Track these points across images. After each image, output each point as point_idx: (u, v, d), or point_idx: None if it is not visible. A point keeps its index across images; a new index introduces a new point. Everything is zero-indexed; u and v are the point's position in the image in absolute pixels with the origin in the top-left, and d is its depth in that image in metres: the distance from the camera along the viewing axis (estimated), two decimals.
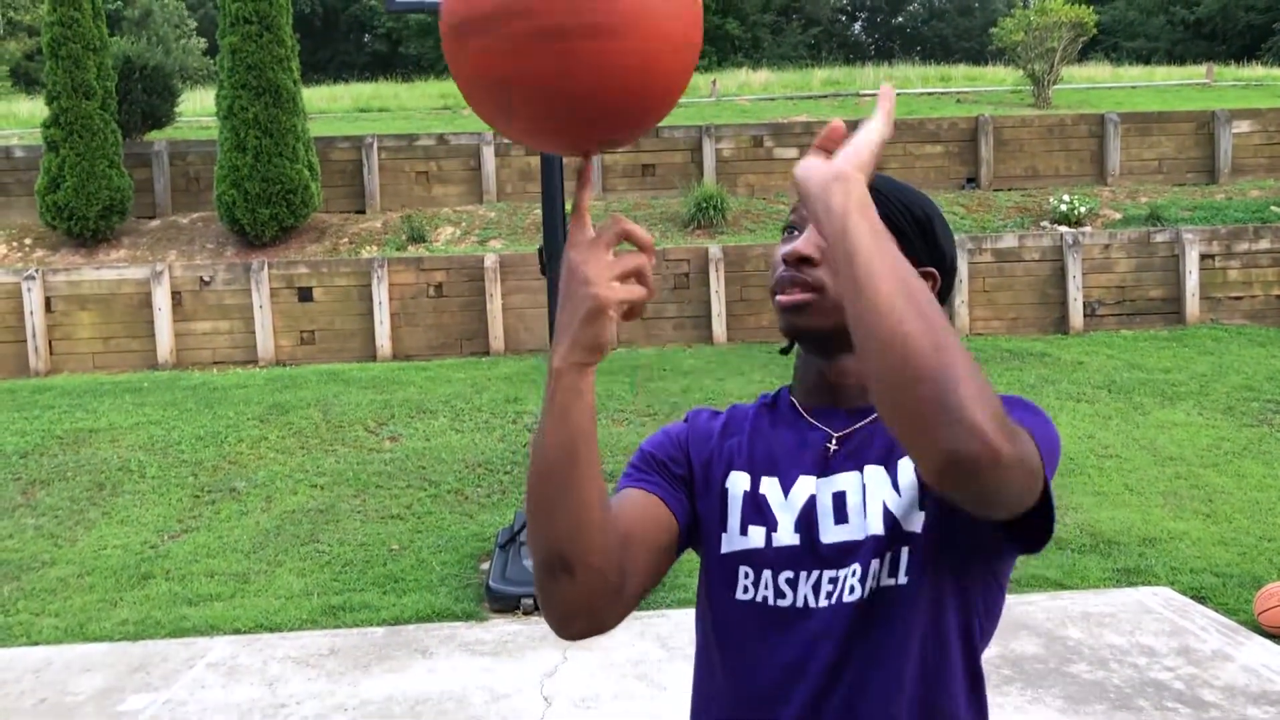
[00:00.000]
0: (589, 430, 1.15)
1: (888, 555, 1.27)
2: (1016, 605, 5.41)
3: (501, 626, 5.46)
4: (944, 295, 1.41)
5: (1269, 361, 10.05)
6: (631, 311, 1.13)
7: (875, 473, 1.31)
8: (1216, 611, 5.33)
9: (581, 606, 1.22)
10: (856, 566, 1.28)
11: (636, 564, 1.28)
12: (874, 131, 1.17)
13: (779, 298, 1.36)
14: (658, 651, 5.03)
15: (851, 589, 1.28)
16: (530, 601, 5.53)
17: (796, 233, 1.38)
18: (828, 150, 1.17)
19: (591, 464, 1.17)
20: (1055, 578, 5.83)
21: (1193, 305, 11.50)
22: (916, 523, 1.27)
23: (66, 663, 5.16)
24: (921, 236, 1.38)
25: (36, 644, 5.45)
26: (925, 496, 1.27)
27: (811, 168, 1.15)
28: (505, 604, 5.65)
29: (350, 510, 7.23)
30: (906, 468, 1.29)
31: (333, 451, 8.31)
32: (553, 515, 1.18)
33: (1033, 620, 5.23)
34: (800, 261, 1.34)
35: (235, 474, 7.93)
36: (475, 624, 5.52)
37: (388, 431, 8.69)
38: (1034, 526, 1.20)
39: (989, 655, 4.75)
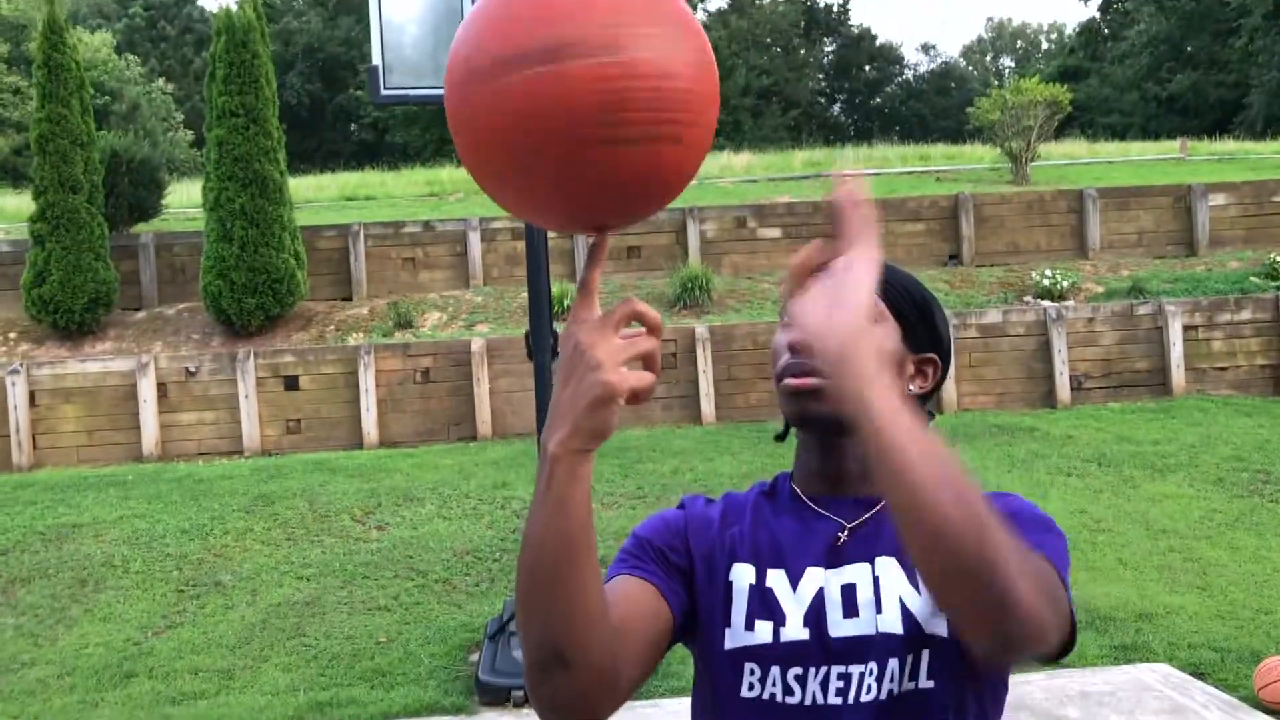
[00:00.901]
0: (586, 519, 1.09)
1: (909, 657, 1.23)
2: (1014, 685, 5.30)
3: (492, 719, 5.35)
4: (944, 380, 1.40)
5: (1256, 431, 10.07)
6: (637, 396, 1.06)
7: (888, 565, 1.28)
8: (1216, 688, 5.25)
9: (575, 702, 1.16)
10: (873, 665, 1.24)
11: (630, 655, 1.22)
12: (868, 267, 1.12)
13: (789, 381, 1.31)
14: None
15: (869, 689, 1.23)
16: (521, 694, 5.42)
17: None
18: (808, 272, 1.12)
19: (590, 554, 1.11)
20: None
21: (1178, 376, 11.55)
22: (940, 626, 1.23)
23: None
24: (923, 322, 1.37)
25: None
26: None
27: (824, 324, 1.08)
28: (496, 696, 5.54)
29: (337, 602, 7.12)
30: None
31: (319, 542, 8.21)
32: (548, 609, 1.11)
33: (1031, 700, 5.14)
34: (805, 349, 1.32)
35: (220, 567, 7.82)
36: (465, 718, 5.40)
37: (374, 520, 8.60)
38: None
39: None
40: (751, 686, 1.28)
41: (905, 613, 1.25)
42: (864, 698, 1.23)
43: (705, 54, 1.05)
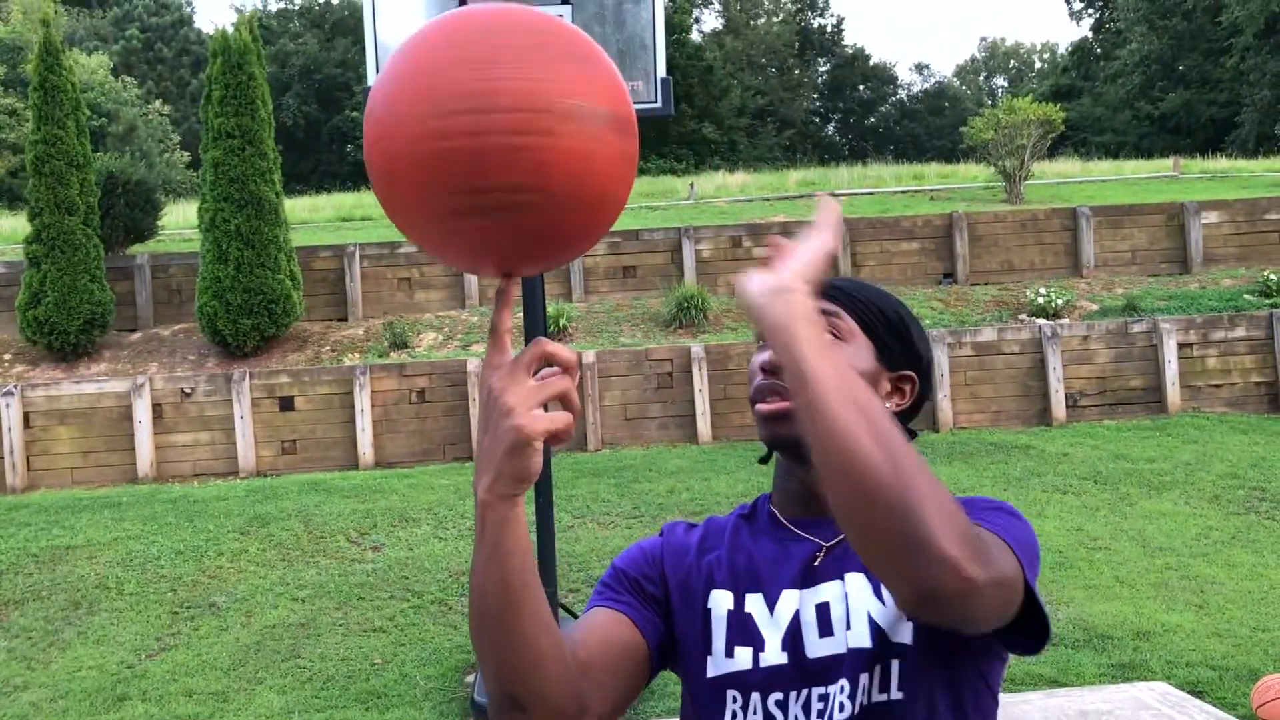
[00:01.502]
0: (524, 562, 1.09)
1: (877, 669, 1.23)
2: (1012, 705, 5.31)
3: None
4: (923, 397, 1.39)
5: (1252, 449, 10.08)
6: (556, 437, 1.05)
7: (856, 580, 1.28)
8: (1215, 706, 5.24)
9: None
10: (844, 683, 1.23)
11: (599, 689, 1.23)
12: (818, 243, 1.15)
13: (759, 406, 1.32)
14: None
15: (841, 706, 1.23)
16: None
17: None
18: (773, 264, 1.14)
19: (532, 597, 1.10)
20: (1050, 675, 5.74)
21: (1173, 394, 11.56)
22: (905, 633, 1.23)
23: None
24: (897, 339, 1.36)
25: None
26: None
27: (753, 280, 1.11)
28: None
29: (332, 624, 7.09)
30: None
31: (314, 563, 8.19)
32: (497, 654, 1.12)
33: (1028, 719, 5.12)
34: (778, 369, 1.32)
35: (215, 589, 7.79)
36: None
37: (370, 541, 8.58)
38: (1027, 630, 1.17)
39: None
40: (734, 715, 1.28)
41: (873, 625, 1.24)
42: (838, 715, 1.22)
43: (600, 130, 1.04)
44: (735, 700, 1.28)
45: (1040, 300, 13.28)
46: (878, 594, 1.25)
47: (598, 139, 1.03)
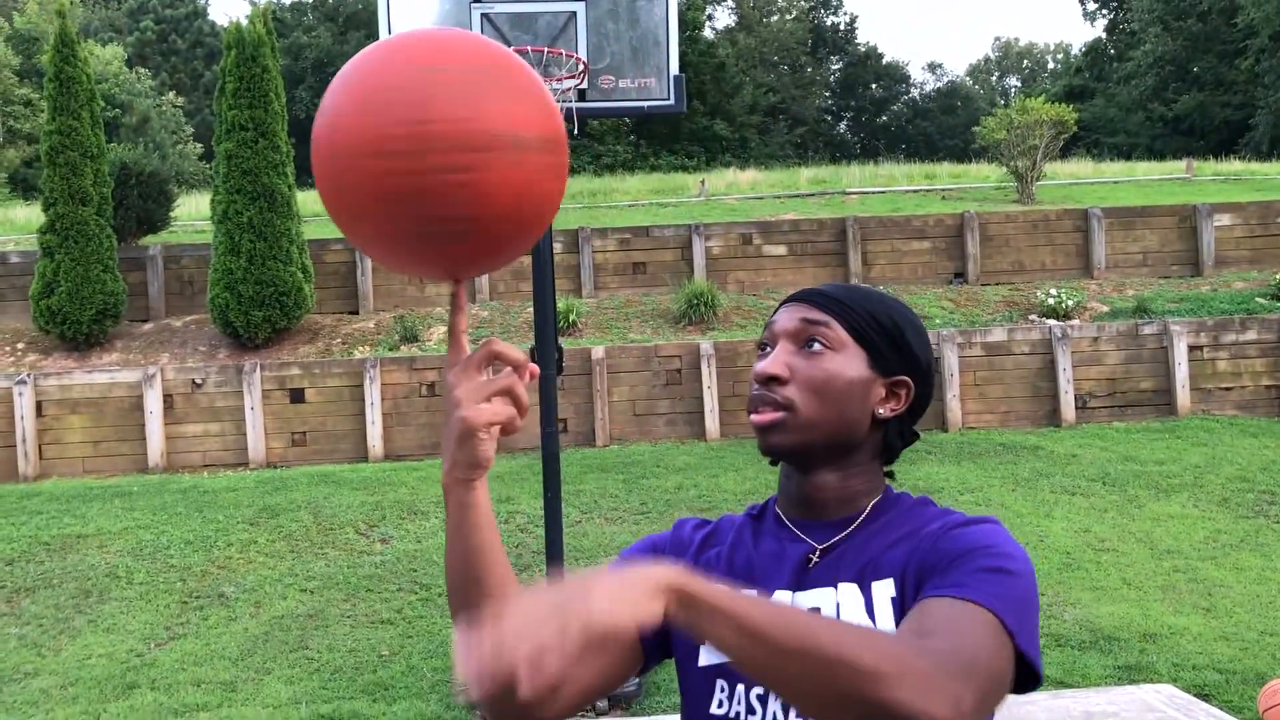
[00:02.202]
0: (486, 542, 1.17)
1: None
2: (1017, 706, 5.31)
3: None
4: (921, 401, 1.40)
5: (1262, 452, 10.05)
6: (505, 429, 1.15)
7: (849, 591, 1.29)
8: (1221, 709, 5.23)
9: (509, 711, 1.18)
10: None
11: (578, 669, 1.24)
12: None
13: (752, 417, 1.35)
14: None
15: None
16: None
17: (769, 349, 1.38)
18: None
19: (490, 572, 1.18)
20: (1056, 676, 5.74)
21: (1183, 396, 11.54)
22: None
23: None
24: (891, 345, 1.37)
25: None
26: (902, 620, 1.24)
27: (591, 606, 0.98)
28: None
29: (340, 615, 7.13)
30: (881, 590, 1.27)
31: (323, 555, 8.22)
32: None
33: None
34: (769, 380, 1.34)
35: (224, 579, 7.83)
36: None
37: (379, 533, 8.61)
38: (1019, 679, 1.18)
39: None
40: (720, 704, 1.32)
41: None
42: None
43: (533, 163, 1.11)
44: (723, 689, 1.32)
45: (1051, 301, 13.25)
46: (869, 609, 1.27)
47: (530, 164, 1.11)
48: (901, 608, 1.25)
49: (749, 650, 1.01)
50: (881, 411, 1.36)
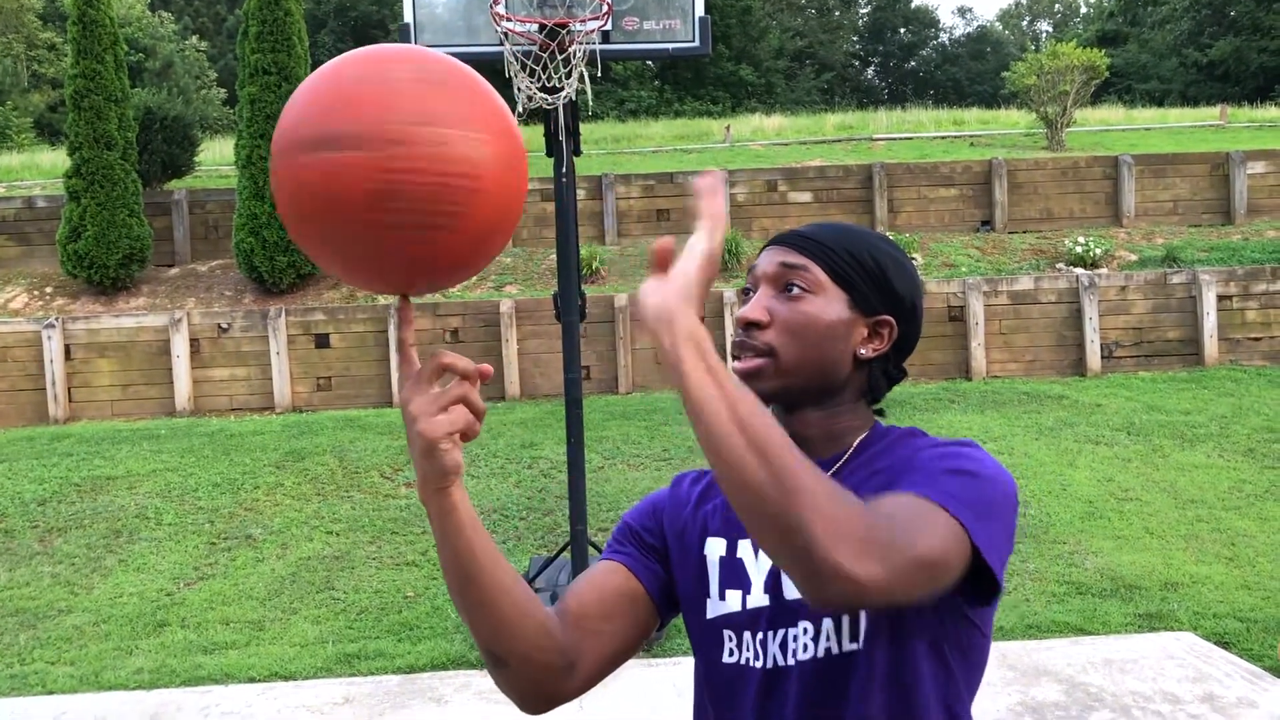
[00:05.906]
0: (471, 544, 1.20)
1: (845, 618, 1.26)
2: (1036, 651, 5.34)
3: None
4: (907, 340, 1.39)
5: None
6: (465, 435, 1.15)
7: None
8: (1241, 657, 5.25)
9: (529, 691, 1.30)
10: (807, 624, 1.28)
11: (594, 637, 1.33)
12: (697, 252, 1.14)
13: (734, 364, 1.35)
14: (673, 699, 4.99)
15: (805, 647, 1.28)
16: None
17: (751, 294, 1.38)
18: (662, 268, 1.14)
19: (481, 570, 1.21)
20: (1076, 623, 5.76)
21: (1211, 347, 11.44)
22: None
23: (80, 713, 5.15)
24: (873, 285, 1.36)
25: (52, 693, 5.43)
26: None
27: (645, 302, 1.13)
28: None
29: (365, 557, 7.22)
30: None
31: (348, 498, 8.31)
32: (470, 621, 1.24)
33: (1053, 666, 5.16)
34: (749, 326, 1.34)
35: (251, 521, 7.94)
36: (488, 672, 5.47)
37: (403, 478, 8.69)
38: (978, 584, 1.19)
39: (1009, 703, 4.68)
40: (730, 653, 1.35)
41: None
42: (802, 656, 1.28)
43: (495, 154, 1.11)
44: (730, 639, 1.35)
45: (1079, 249, 13.13)
46: None
47: (488, 191, 1.11)
48: None
49: (711, 431, 1.06)
50: (864, 351, 1.35)
